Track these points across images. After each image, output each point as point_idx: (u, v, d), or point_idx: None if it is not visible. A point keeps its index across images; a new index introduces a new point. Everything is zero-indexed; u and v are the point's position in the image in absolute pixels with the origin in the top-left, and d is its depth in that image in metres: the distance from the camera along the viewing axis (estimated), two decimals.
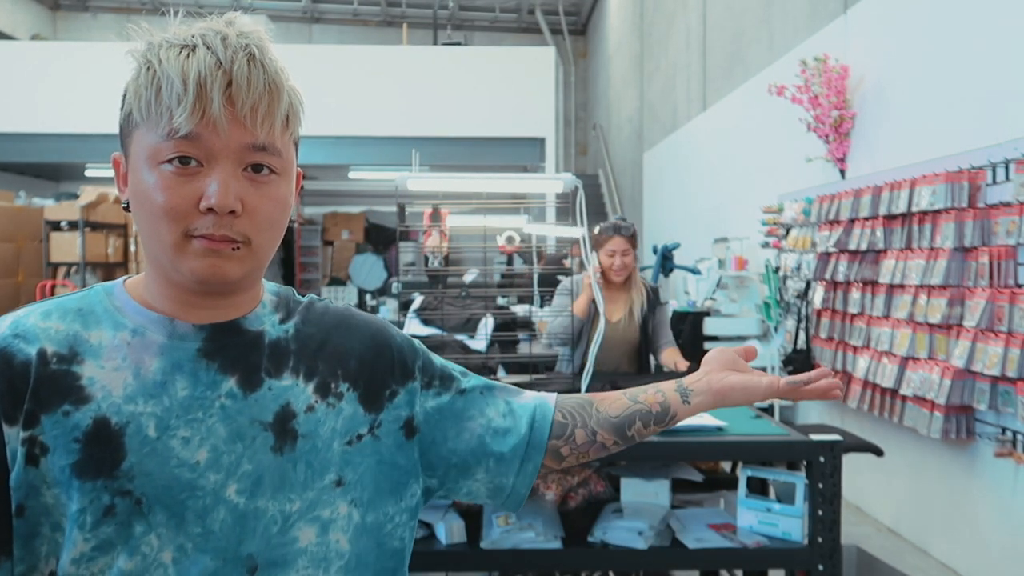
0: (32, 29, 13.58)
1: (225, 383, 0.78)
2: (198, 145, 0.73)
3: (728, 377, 0.93)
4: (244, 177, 0.75)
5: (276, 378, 0.81)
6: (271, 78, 0.74)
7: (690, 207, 8.11)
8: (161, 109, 0.72)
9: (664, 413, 0.94)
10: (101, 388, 0.75)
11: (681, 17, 8.49)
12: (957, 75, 3.54)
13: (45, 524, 0.73)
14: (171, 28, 0.76)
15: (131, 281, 0.83)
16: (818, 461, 1.92)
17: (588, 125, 15.45)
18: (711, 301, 6.15)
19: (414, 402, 0.90)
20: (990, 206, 3.19)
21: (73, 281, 7.79)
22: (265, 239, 0.78)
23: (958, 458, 3.47)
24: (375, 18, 15.27)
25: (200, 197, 0.73)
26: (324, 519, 0.80)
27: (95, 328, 0.78)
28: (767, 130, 5.76)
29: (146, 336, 0.78)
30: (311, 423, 0.81)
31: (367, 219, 13.61)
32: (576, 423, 0.95)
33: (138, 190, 0.75)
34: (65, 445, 0.72)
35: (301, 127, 0.82)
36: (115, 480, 0.73)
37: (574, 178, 2.49)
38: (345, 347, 0.88)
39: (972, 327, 3.18)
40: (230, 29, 0.75)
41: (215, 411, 0.77)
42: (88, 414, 0.74)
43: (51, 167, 10.81)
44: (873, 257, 4.02)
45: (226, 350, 0.80)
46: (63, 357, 0.75)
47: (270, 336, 0.83)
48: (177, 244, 0.74)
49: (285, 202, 0.79)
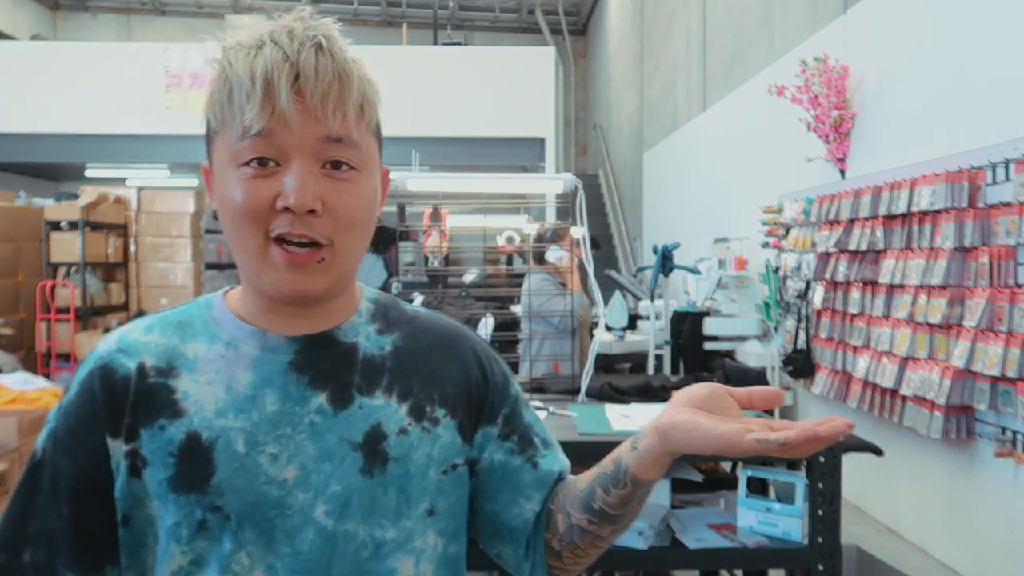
0: (32, 29, 13.58)
1: (315, 399, 0.76)
2: (272, 142, 0.71)
3: (678, 415, 0.70)
4: (323, 175, 0.72)
5: (368, 396, 0.78)
6: (340, 67, 0.72)
7: (690, 207, 8.11)
8: (234, 111, 0.71)
9: (617, 470, 0.76)
10: (194, 402, 0.75)
11: (681, 17, 8.49)
12: (957, 75, 3.53)
13: (150, 535, 0.74)
14: (244, 31, 0.75)
15: (231, 292, 0.83)
16: (818, 461, 1.92)
17: (588, 125, 15.45)
18: (711, 301, 6.15)
19: (485, 446, 0.85)
20: (990, 206, 3.18)
21: (73, 281, 7.79)
22: (348, 240, 0.74)
23: (958, 458, 3.47)
24: (375, 18, 15.27)
25: (278, 196, 0.71)
26: (418, 549, 0.78)
27: (192, 341, 0.78)
28: (767, 130, 5.76)
29: (239, 349, 0.78)
30: (403, 447, 0.78)
31: None
32: (556, 509, 0.84)
33: (221, 196, 0.74)
34: (162, 459, 0.73)
35: (379, 118, 0.79)
36: (206, 495, 0.73)
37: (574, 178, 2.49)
38: (445, 371, 0.83)
39: (972, 327, 3.18)
40: (297, 24, 0.73)
41: (304, 427, 0.75)
42: (181, 429, 0.74)
43: (51, 167, 10.80)
44: (873, 257, 4.02)
45: (317, 363, 0.78)
46: (161, 371, 0.76)
47: (364, 350, 0.80)
48: (260, 249, 0.72)
49: (369, 199, 0.76)
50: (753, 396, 0.71)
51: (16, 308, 7.72)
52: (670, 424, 0.70)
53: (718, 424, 0.68)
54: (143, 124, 8.84)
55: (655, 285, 4.27)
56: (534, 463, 0.86)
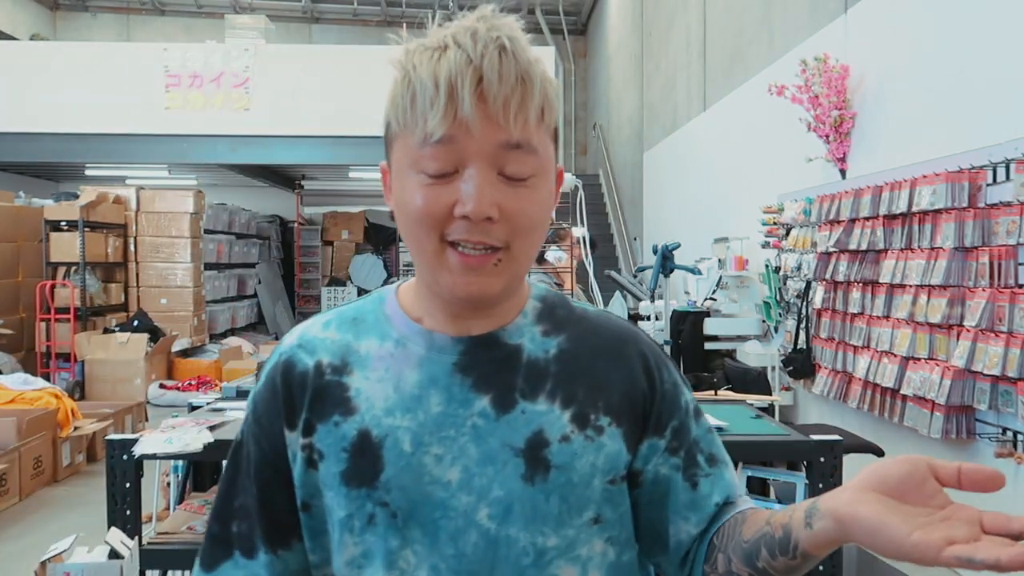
0: (32, 29, 13.58)
1: (478, 401, 0.77)
2: (453, 149, 0.70)
3: (863, 507, 0.61)
4: (501, 181, 0.72)
5: (530, 401, 0.77)
6: (523, 70, 0.70)
7: (690, 207, 8.11)
8: (416, 115, 0.71)
9: (786, 539, 0.70)
10: (365, 400, 0.77)
11: (681, 17, 8.48)
12: (957, 75, 3.53)
13: (328, 523, 0.79)
14: (428, 32, 0.75)
15: (404, 287, 0.84)
16: (818, 461, 1.92)
17: (588, 125, 15.45)
18: (711, 301, 6.15)
19: (650, 458, 0.82)
20: (990, 206, 3.18)
21: (73, 281, 7.78)
22: (524, 244, 0.74)
23: (958, 458, 3.45)
24: (375, 18, 15.26)
25: (456, 202, 0.71)
26: (583, 557, 0.78)
27: (365, 338, 0.81)
28: (767, 130, 5.76)
29: (407, 347, 0.79)
30: (566, 455, 0.76)
31: (367, 219, 13.60)
32: (719, 546, 0.80)
33: (400, 199, 0.75)
34: (335, 454, 0.77)
35: (557, 119, 0.78)
36: (376, 491, 0.75)
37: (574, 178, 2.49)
38: (612, 378, 0.81)
39: (972, 327, 3.18)
40: (480, 24, 0.71)
41: (467, 430, 0.76)
42: (354, 425, 0.77)
43: (51, 167, 10.80)
44: (873, 257, 4.02)
45: (481, 365, 0.78)
46: (336, 368, 0.79)
47: (529, 353, 0.80)
48: (436, 252, 0.72)
49: (545, 204, 0.76)
50: (964, 476, 0.60)
51: (16, 308, 7.72)
52: (852, 518, 0.61)
53: (911, 531, 0.57)
54: (143, 124, 8.84)
55: (655, 285, 4.27)
56: (694, 483, 0.83)
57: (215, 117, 8.87)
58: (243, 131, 8.92)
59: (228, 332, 10.96)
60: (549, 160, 0.76)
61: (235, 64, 8.87)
